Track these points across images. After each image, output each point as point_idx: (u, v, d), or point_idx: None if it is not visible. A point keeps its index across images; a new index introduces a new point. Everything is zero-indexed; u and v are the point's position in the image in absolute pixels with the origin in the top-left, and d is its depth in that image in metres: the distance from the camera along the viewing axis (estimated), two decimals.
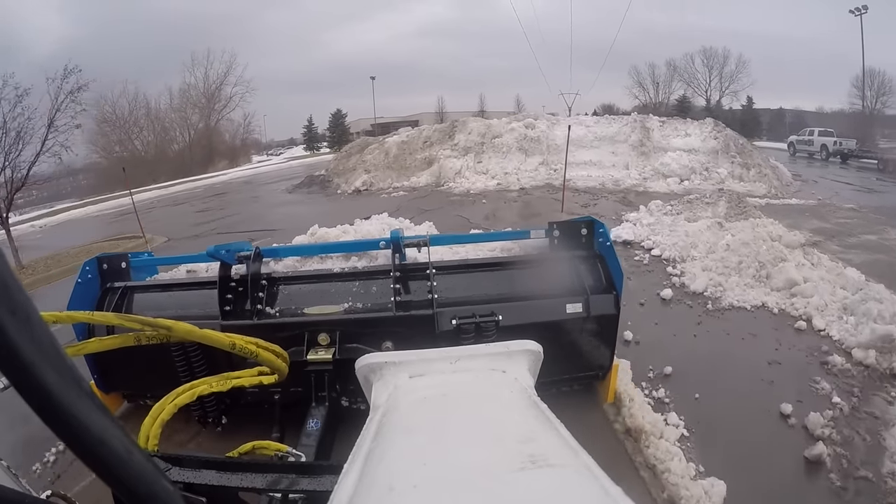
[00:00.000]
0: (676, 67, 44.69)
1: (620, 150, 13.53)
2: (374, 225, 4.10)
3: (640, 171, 12.60)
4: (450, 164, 13.37)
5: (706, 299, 4.32)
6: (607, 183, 12.05)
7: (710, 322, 3.95)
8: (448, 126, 15.39)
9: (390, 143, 15.18)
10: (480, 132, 14.26)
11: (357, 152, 15.69)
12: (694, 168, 12.30)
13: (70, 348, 1.60)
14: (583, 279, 2.50)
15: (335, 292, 2.51)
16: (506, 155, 13.60)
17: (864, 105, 33.16)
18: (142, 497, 0.37)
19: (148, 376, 2.53)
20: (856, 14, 31.16)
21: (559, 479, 0.51)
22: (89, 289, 2.62)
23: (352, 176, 14.30)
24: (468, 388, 0.79)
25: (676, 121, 14.88)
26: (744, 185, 11.58)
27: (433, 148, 14.45)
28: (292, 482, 1.03)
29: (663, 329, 3.84)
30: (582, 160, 13.22)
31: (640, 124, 14.02)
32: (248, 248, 2.56)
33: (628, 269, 4.84)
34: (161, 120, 38.31)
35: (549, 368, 0.94)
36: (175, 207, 15.36)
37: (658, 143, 13.47)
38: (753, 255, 4.67)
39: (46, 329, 0.32)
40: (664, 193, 10.33)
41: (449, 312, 2.32)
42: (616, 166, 13.13)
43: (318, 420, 2.10)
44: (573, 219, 2.85)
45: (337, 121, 44.39)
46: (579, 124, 14.76)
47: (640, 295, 4.48)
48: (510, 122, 14.71)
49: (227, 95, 41.36)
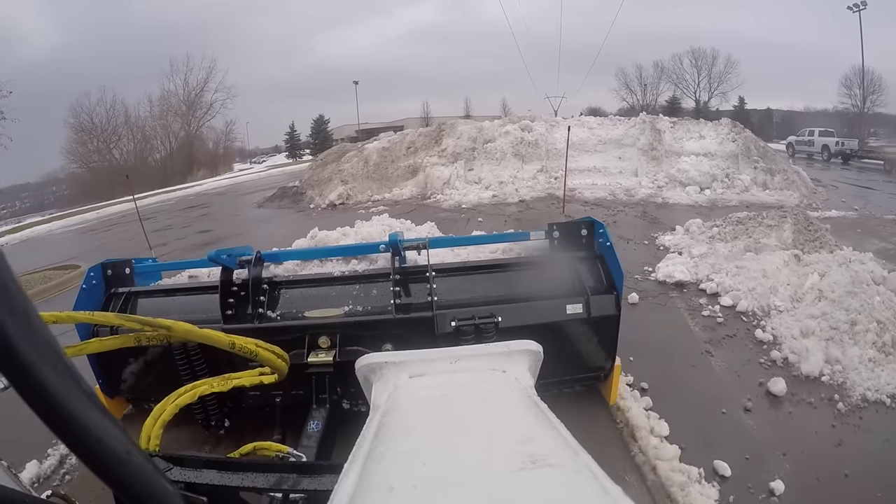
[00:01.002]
0: (664, 68, 44.59)
1: (628, 155, 12.09)
2: (374, 227, 4.09)
3: (653, 178, 11.23)
4: (437, 172, 11.79)
5: (828, 389, 2.95)
6: (618, 193, 10.69)
7: (855, 437, 2.58)
8: (434, 130, 13.67)
9: (370, 150, 13.49)
10: (471, 136, 12.74)
11: (334, 160, 13.98)
12: (715, 175, 10.90)
13: (70, 349, 1.61)
14: (583, 280, 2.50)
15: (335, 295, 2.52)
16: (500, 161, 12.12)
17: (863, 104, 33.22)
18: (141, 497, 0.37)
19: (152, 380, 2.55)
20: (854, 10, 31.17)
21: (559, 479, 0.51)
22: (94, 294, 2.64)
23: (327, 188, 12.59)
24: (468, 388, 0.79)
25: (689, 122, 13.36)
26: (770, 193, 10.40)
27: (418, 155, 12.83)
28: (293, 482, 1.03)
29: (807, 468, 2.33)
30: (585, 166, 11.97)
31: (649, 126, 12.41)
32: (249, 252, 2.58)
33: (700, 333, 3.74)
34: (141, 128, 37.54)
35: (550, 369, 0.94)
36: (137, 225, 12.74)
37: (670, 146, 12.03)
38: (866, 310, 3.39)
39: (46, 329, 0.32)
40: (688, 205, 9.48)
41: (448, 314, 2.32)
42: (624, 173, 11.68)
43: (318, 421, 2.12)
44: (573, 221, 2.85)
45: (319, 127, 43.23)
46: (581, 126, 13.41)
47: (735, 389, 2.99)
48: (504, 125, 13.20)
49: (208, 102, 40.65)
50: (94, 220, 17.36)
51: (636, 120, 13.07)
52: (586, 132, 13.02)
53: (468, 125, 13.45)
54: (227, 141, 43.82)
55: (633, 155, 12.04)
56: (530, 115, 14.73)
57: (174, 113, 38.77)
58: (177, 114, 38.83)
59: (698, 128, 12.79)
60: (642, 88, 45.81)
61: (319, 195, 12.50)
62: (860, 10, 30.84)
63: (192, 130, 39.38)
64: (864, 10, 30.46)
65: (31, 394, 0.31)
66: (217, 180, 29.30)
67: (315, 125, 43.81)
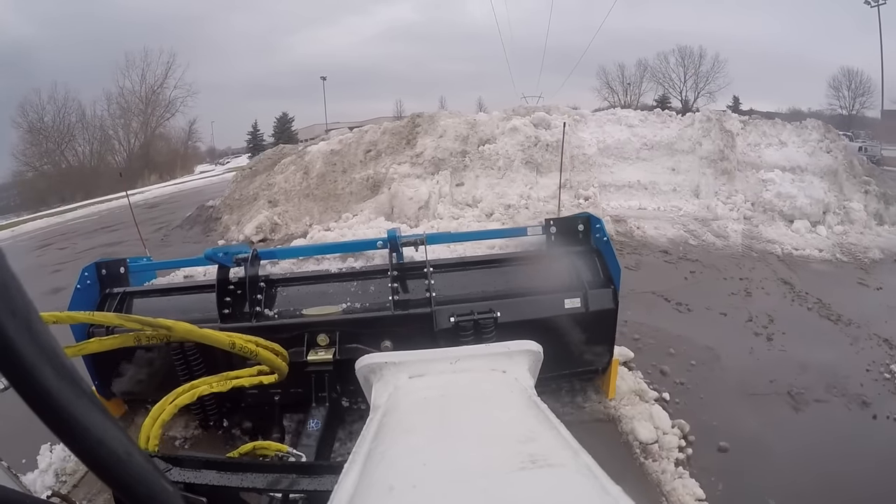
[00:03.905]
0: (648, 67, 43.56)
1: (685, 166, 8.54)
2: (371, 229, 4.09)
3: (726, 200, 7.77)
4: (409, 190, 7.44)
5: None
6: (692, 226, 6.93)
7: None
8: (406, 125, 9.18)
9: (314, 155, 9.09)
10: (459, 134, 8.53)
11: (266, 170, 9.78)
12: (828, 203, 7.40)
13: (70, 349, 1.60)
14: (580, 274, 2.51)
15: (333, 293, 2.52)
16: (504, 173, 7.96)
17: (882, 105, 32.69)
18: (141, 497, 0.37)
19: (148, 381, 2.54)
20: (872, 5, 30.68)
21: (559, 479, 0.51)
22: (88, 294, 2.62)
23: (249, 211, 8.55)
24: (468, 389, 0.79)
25: (763, 122, 9.52)
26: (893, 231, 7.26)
27: (381, 161, 8.59)
28: (293, 482, 1.03)
29: None
30: (625, 180, 8.35)
31: (716, 124, 8.77)
32: (245, 250, 2.57)
33: None
34: (101, 128, 34.59)
35: (548, 364, 0.94)
36: (24, 255, 10.21)
37: (745, 155, 8.63)
38: None
39: (46, 330, 0.32)
40: (821, 259, 6.15)
41: (447, 310, 2.32)
42: (680, 191, 8.15)
43: (318, 420, 2.11)
44: (570, 216, 2.85)
45: (283, 126, 38.69)
46: (616, 122, 9.52)
47: None
48: (508, 118, 8.99)
49: (166, 100, 37.35)
50: (6, 238, 13.95)
51: (695, 117, 9.33)
52: (625, 131, 9.14)
53: (454, 119, 9.04)
54: (190, 141, 40.62)
55: (692, 165, 8.48)
56: (544, 106, 10.05)
57: (132, 111, 36.09)
58: (134, 112, 36.19)
59: (775, 130, 9.27)
60: (624, 88, 45.18)
61: (237, 223, 8.39)
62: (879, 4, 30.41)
63: (150, 130, 36.51)
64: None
65: (31, 395, 0.31)
66: (162, 186, 24.84)
67: (278, 124, 39.18)
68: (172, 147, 38.33)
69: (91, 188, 27.19)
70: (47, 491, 2.20)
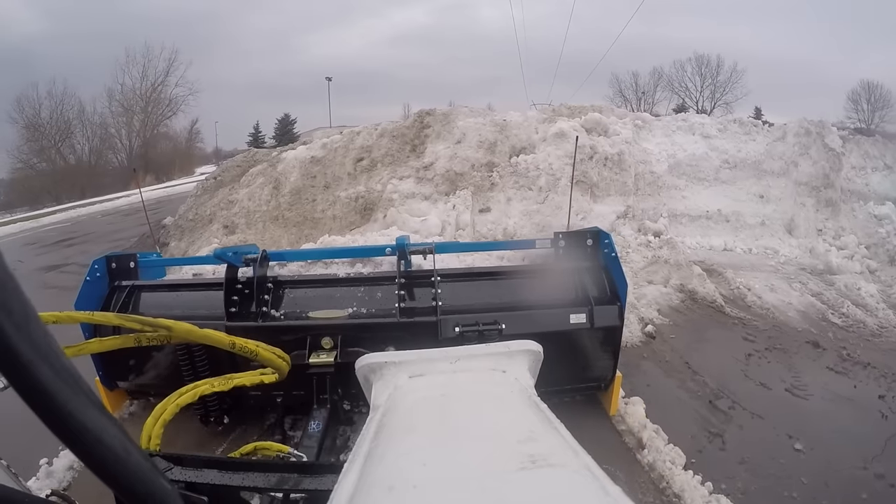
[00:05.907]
0: (663, 75, 42.01)
1: (776, 192, 6.59)
2: (382, 237, 4.09)
3: (833, 242, 5.94)
4: (413, 218, 5.38)
5: None
6: (813, 285, 4.85)
7: None
8: (411, 125, 7.04)
9: (288, 164, 6.91)
10: (485, 140, 6.37)
11: (231, 181, 7.57)
12: None
13: (70, 349, 1.61)
14: (587, 290, 2.50)
15: (340, 297, 2.53)
16: (546, 195, 5.79)
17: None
18: (140, 496, 0.37)
19: (152, 374, 2.55)
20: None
21: (559, 479, 0.51)
22: (97, 287, 2.64)
23: (199, 238, 6.45)
24: (468, 388, 0.79)
25: (864, 139, 7.89)
26: None
27: (376, 174, 6.41)
28: (294, 482, 1.04)
29: None
30: (700, 209, 6.34)
31: (817, 139, 6.87)
32: (254, 250, 2.59)
33: None
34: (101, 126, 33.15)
35: (551, 378, 0.94)
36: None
37: (850, 182, 6.93)
38: None
39: (45, 329, 0.32)
40: None
41: (452, 320, 2.33)
42: (769, 226, 6.25)
43: (319, 422, 2.12)
44: (579, 230, 2.84)
45: (284, 128, 36.89)
46: (689, 130, 7.44)
47: None
48: (552, 120, 6.81)
49: (167, 98, 35.45)
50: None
51: (787, 128, 7.24)
52: (700, 143, 7.12)
53: (477, 119, 6.80)
54: (192, 141, 38.91)
55: (786, 192, 6.53)
56: (596, 107, 7.85)
57: (133, 110, 34.27)
58: (134, 110, 34.36)
59: (878, 150, 7.50)
60: (637, 96, 43.78)
61: (185, 252, 6.31)
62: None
63: (150, 129, 35.16)
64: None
65: (30, 393, 0.31)
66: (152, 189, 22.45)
67: (279, 125, 37.32)
68: (175, 147, 37.63)
69: (86, 188, 26.55)
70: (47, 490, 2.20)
